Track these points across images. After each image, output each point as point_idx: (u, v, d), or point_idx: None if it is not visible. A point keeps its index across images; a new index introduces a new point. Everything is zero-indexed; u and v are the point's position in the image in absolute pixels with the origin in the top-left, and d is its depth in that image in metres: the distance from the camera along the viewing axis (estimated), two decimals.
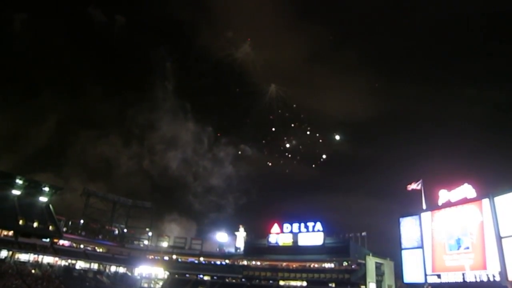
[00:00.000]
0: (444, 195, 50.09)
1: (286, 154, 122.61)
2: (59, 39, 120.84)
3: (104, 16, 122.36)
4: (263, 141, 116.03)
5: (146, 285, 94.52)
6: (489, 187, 45.73)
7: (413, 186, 56.94)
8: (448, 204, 49.13)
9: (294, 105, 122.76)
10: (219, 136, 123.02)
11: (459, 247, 46.26)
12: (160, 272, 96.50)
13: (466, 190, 47.19)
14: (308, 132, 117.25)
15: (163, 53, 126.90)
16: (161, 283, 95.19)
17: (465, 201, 46.90)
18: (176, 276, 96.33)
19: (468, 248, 45.11)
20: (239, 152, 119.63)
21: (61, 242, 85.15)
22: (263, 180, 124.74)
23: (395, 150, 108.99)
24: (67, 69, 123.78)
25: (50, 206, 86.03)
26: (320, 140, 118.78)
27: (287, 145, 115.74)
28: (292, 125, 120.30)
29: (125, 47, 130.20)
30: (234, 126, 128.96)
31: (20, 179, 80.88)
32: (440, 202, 50.46)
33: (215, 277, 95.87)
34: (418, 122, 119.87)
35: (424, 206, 54.49)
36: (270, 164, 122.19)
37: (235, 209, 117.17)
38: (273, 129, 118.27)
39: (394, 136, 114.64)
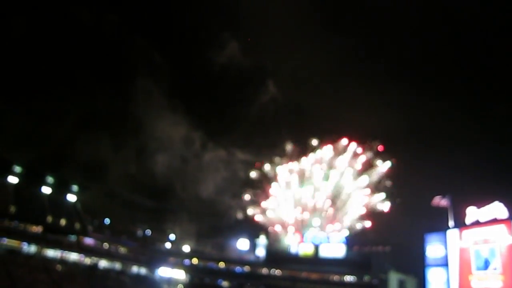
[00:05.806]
0: (472, 212, 48.52)
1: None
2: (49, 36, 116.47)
3: (95, 16, 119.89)
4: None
5: (166, 287, 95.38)
6: None
7: (440, 201, 55.45)
8: (477, 223, 47.57)
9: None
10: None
11: (486, 268, 44.63)
12: (180, 275, 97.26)
13: (497, 208, 45.59)
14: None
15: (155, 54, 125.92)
16: (181, 286, 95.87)
17: (494, 220, 45.31)
18: (196, 280, 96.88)
19: (496, 269, 43.45)
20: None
21: (86, 240, 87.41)
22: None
23: (422, 164, 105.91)
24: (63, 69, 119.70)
25: (78, 204, 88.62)
26: None
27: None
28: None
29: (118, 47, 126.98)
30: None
31: (50, 176, 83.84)
32: (468, 221, 48.86)
33: (234, 283, 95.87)
34: (448, 137, 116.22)
35: (451, 223, 52.91)
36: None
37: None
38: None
39: (422, 150, 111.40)
